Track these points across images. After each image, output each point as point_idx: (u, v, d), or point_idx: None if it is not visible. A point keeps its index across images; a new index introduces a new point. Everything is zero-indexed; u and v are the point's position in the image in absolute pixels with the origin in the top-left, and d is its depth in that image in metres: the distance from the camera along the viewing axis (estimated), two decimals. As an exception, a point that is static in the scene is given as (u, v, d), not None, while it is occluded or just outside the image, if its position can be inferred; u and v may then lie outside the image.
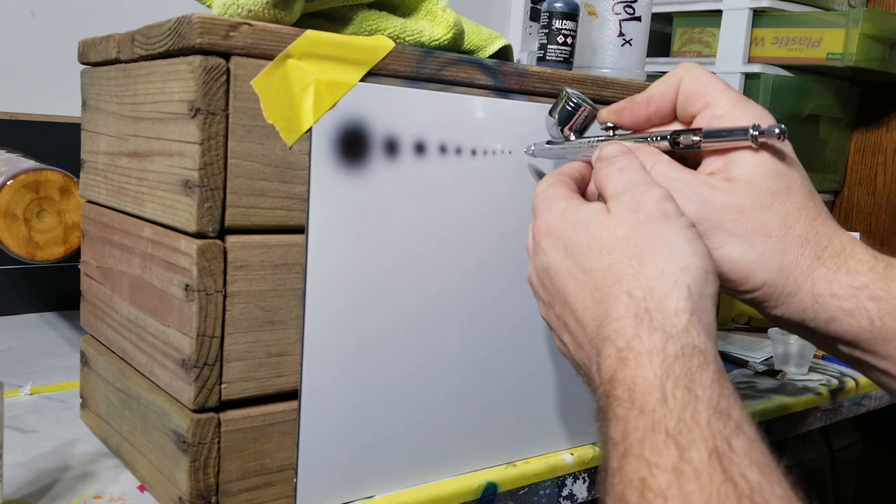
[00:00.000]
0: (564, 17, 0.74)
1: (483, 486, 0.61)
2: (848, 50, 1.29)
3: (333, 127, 0.52)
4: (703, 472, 0.32)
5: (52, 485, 0.57)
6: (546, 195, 0.48)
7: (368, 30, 0.59)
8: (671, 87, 0.50)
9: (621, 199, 0.44)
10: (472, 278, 0.59)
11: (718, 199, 0.45)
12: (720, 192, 0.45)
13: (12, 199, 0.77)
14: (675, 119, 0.51)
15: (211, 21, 0.48)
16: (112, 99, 0.61)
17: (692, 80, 0.49)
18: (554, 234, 0.46)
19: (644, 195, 0.43)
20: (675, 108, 0.50)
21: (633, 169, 0.46)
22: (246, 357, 0.51)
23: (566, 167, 0.52)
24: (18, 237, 0.79)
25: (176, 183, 0.51)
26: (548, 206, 0.47)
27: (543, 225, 0.47)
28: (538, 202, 0.49)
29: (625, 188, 0.44)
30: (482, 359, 0.61)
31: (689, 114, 0.49)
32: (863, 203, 1.60)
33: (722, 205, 0.45)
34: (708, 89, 0.48)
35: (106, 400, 0.63)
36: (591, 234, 0.44)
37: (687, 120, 0.50)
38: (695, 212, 0.45)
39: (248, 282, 0.50)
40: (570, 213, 0.46)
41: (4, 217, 0.77)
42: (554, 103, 0.55)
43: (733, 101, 0.47)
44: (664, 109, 0.50)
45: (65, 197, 0.79)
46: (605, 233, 0.43)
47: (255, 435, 0.52)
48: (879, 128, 1.58)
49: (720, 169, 0.47)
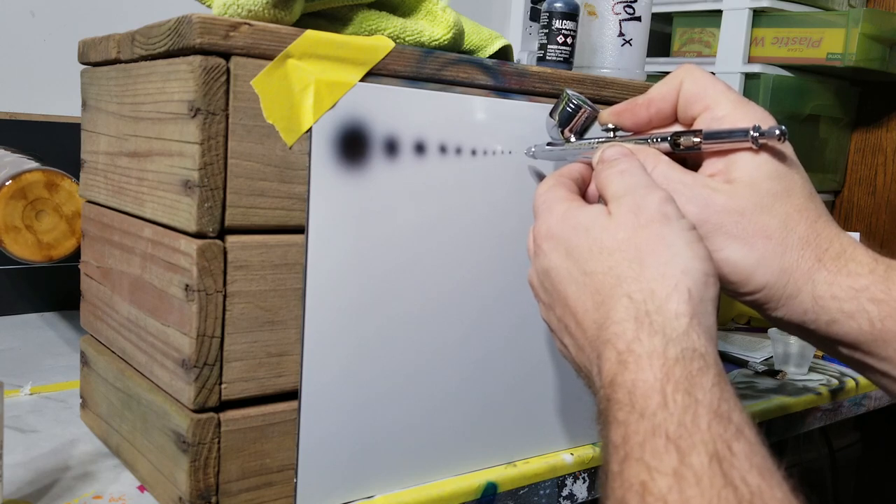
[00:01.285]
0: (564, 17, 0.74)
1: (483, 486, 0.61)
2: (848, 50, 1.29)
3: (333, 127, 0.52)
4: (703, 477, 0.32)
5: (52, 485, 0.57)
6: (546, 197, 0.48)
7: (368, 30, 0.59)
8: (672, 89, 0.50)
9: (622, 202, 0.44)
10: (472, 278, 0.59)
11: (719, 201, 0.45)
12: (720, 193, 0.45)
13: (5, 214, 0.77)
14: (675, 121, 0.51)
15: (211, 21, 0.48)
16: (112, 99, 0.61)
17: (693, 82, 0.49)
18: (555, 237, 0.46)
19: (645, 198, 0.43)
20: (675, 110, 0.50)
21: (633, 171, 0.46)
22: (246, 357, 0.51)
23: (566, 169, 0.52)
24: (28, 245, 0.79)
25: (176, 183, 0.51)
26: (548, 208, 0.48)
27: (544, 227, 0.47)
28: (539, 204, 0.49)
29: (626, 191, 0.44)
30: (482, 359, 0.61)
31: (690, 116, 0.49)
32: (863, 203, 1.60)
33: (722, 207, 0.45)
34: (708, 91, 0.48)
35: (106, 400, 0.63)
36: (592, 237, 0.44)
37: (687, 122, 0.50)
38: (695, 214, 0.45)
39: (248, 282, 0.50)
40: (570, 215, 0.46)
41: (7, 231, 0.78)
42: (554, 104, 0.55)
43: (734, 102, 0.47)
44: (665, 111, 0.50)
45: (54, 191, 0.80)
46: (605, 235, 0.43)
47: (255, 435, 0.52)
48: (879, 128, 1.58)
49: (721, 171, 0.47)
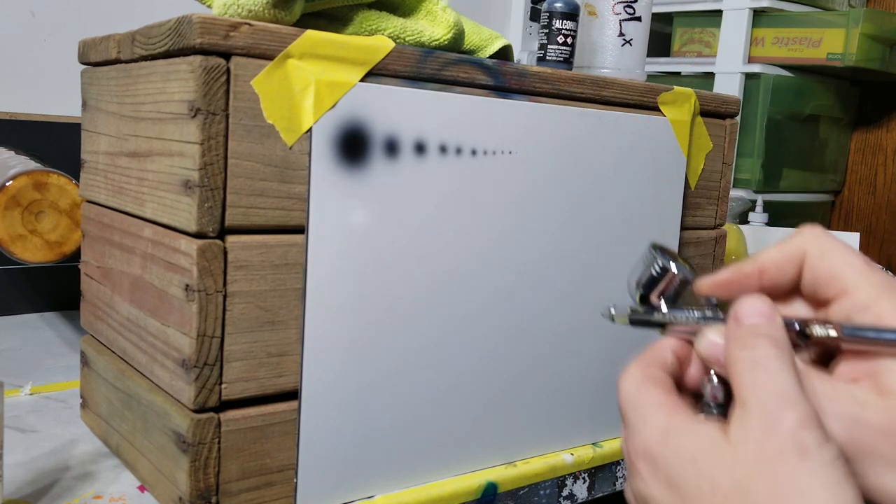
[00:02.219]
0: (564, 17, 0.74)
1: (483, 486, 0.61)
2: (848, 50, 1.29)
3: (333, 127, 0.52)
4: None
5: (52, 485, 0.57)
6: (637, 401, 0.39)
7: (368, 30, 0.59)
8: (791, 262, 0.40)
9: (747, 418, 0.34)
10: (472, 278, 0.59)
11: (872, 419, 0.36)
12: (873, 410, 0.36)
13: (6, 225, 0.78)
14: (793, 295, 0.42)
15: (211, 21, 0.48)
16: (112, 99, 0.61)
17: (821, 257, 0.39)
18: (653, 460, 0.37)
19: (779, 417, 0.34)
20: (794, 284, 0.41)
21: (770, 367, 0.35)
22: (246, 357, 0.51)
23: (656, 353, 0.41)
24: (39, 248, 0.80)
25: (176, 183, 0.51)
26: (642, 418, 0.38)
27: (640, 443, 0.38)
28: (627, 407, 0.39)
29: (755, 399, 0.34)
30: (482, 359, 0.61)
31: (821, 297, 0.39)
32: (863, 203, 1.60)
33: (877, 427, 0.35)
34: (845, 271, 0.38)
35: (106, 400, 0.63)
36: (701, 472, 0.35)
37: (816, 302, 0.40)
38: (841, 434, 0.35)
39: (249, 282, 0.50)
40: (673, 435, 0.36)
41: (14, 241, 0.78)
42: (637, 262, 0.44)
43: (879, 287, 0.38)
44: (781, 285, 0.41)
45: (45, 190, 0.80)
46: (718, 472, 0.34)
47: (255, 435, 0.52)
48: (879, 128, 1.58)
49: (866, 375, 0.37)
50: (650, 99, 0.69)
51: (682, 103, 0.71)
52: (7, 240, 0.78)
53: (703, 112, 0.74)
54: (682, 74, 1.56)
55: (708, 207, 0.76)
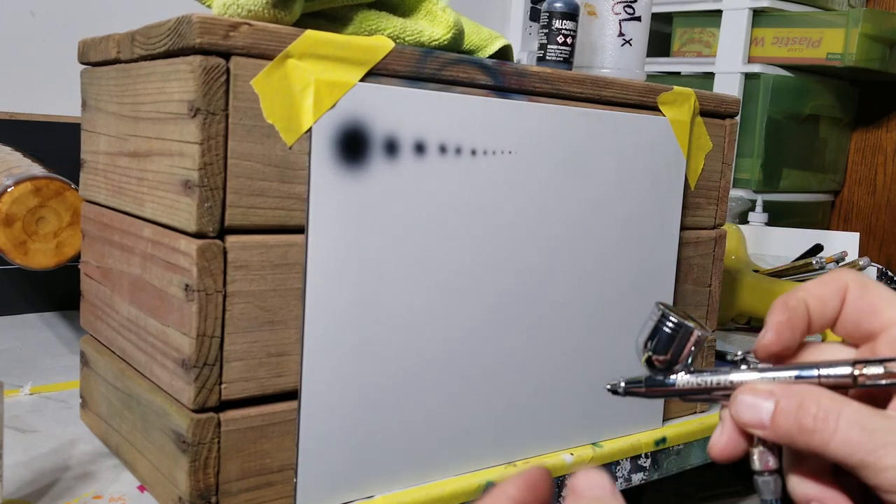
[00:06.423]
0: (564, 17, 0.74)
1: (483, 486, 0.61)
2: (848, 50, 1.29)
3: (333, 127, 0.52)
4: None
5: (52, 485, 0.57)
6: None
7: (368, 30, 0.59)
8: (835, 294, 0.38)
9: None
10: (473, 278, 0.59)
11: None
12: None
13: (9, 237, 0.77)
14: None
15: (211, 21, 0.48)
16: (112, 99, 0.61)
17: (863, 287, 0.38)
18: None
19: None
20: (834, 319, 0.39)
21: None
22: (246, 357, 0.51)
23: None
24: (49, 252, 0.79)
25: (176, 183, 0.51)
26: None
27: None
28: None
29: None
30: (482, 359, 0.61)
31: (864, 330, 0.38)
32: (863, 203, 1.60)
33: None
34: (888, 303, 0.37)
35: (106, 400, 0.63)
36: None
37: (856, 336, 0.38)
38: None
39: (248, 282, 0.50)
40: None
41: (23, 249, 0.78)
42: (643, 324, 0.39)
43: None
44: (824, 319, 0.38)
45: (39, 195, 0.79)
46: None
47: (255, 435, 0.52)
48: (879, 128, 1.58)
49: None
50: (650, 99, 0.69)
51: (682, 103, 0.71)
52: (10, 249, 0.78)
53: (703, 112, 0.74)
54: (682, 74, 1.56)
55: (707, 207, 0.76)
